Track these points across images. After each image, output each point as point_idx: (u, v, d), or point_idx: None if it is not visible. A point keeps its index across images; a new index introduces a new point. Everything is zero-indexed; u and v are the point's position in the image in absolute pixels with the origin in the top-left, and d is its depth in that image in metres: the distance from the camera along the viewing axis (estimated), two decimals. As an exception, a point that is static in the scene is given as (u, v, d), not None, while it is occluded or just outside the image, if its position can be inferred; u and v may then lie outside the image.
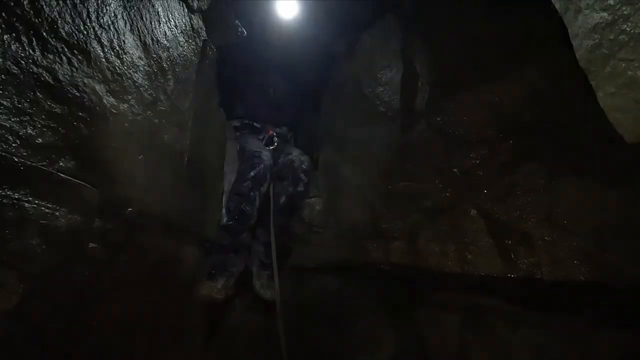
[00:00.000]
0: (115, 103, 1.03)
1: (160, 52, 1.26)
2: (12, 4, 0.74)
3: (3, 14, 0.72)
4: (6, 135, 0.73)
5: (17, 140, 0.75)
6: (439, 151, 1.54)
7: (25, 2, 0.76)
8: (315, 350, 1.93)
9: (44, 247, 0.77)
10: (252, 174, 1.85)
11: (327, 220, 2.01)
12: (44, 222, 0.79)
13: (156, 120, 1.24)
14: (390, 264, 1.59)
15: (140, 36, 1.15)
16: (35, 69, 0.79)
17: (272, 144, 2.05)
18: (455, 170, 1.49)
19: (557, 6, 0.84)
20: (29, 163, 0.77)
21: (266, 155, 1.95)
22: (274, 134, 2.07)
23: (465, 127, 1.49)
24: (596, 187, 1.13)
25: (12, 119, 0.74)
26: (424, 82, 1.67)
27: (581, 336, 1.28)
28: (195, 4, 1.48)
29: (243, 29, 1.82)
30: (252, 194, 1.82)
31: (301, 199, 2.01)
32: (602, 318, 1.25)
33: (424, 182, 1.55)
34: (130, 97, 1.09)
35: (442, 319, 1.63)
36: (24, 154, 0.77)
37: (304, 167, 1.99)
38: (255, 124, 2.15)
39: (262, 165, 1.88)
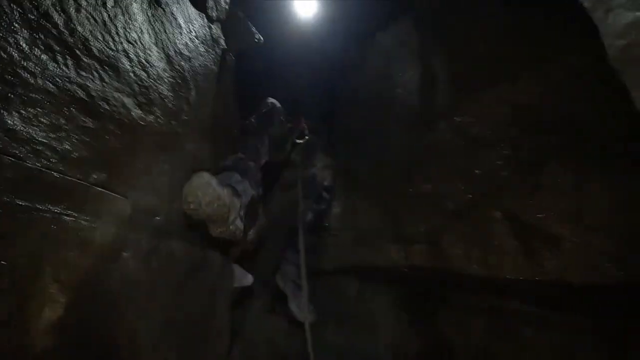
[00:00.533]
0: (143, 115, 1.06)
1: (182, 63, 1.29)
2: (49, 25, 0.77)
3: (41, 35, 0.75)
4: (46, 152, 0.76)
5: (56, 156, 0.78)
6: (460, 152, 1.52)
7: (60, 23, 0.79)
8: (336, 352, 1.93)
9: (82, 258, 0.80)
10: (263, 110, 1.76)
11: (345, 222, 2.01)
12: (82, 234, 0.82)
13: (180, 130, 1.27)
14: (412, 267, 1.58)
15: (164, 48, 1.17)
16: (70, 86, 0.82)
17: (303, 137, 1.98)
18: (477, 171, 1.47)
19: (585, 4, 0.82)
20: (67, 177, 0.80)
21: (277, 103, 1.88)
22: (305, 126, 2.01)
23: (486, 127, 1.48)
24: (627, 186, 1.10)
25: (51, 136, 0.78)
26: (442, 82, 1.66)
27: (610, 339, 1.26)
28: (214, 14, 1.50)
29: (260, 35, 1.84)
30: (259, 130, 1.72)
31: (325, 216, 1.96)
32: (632, 320, 1.22)
33: (444, 183, 1.54)
34: (156, 108, 1.12)
35: (466, 321, 1.61)
36: (61, 168, 0.80)
37: (326, 184, 1.95)
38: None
39: (270, 104, 1.78)
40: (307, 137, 1.98)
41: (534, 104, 1.34)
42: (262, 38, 1.85)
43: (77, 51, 0.84)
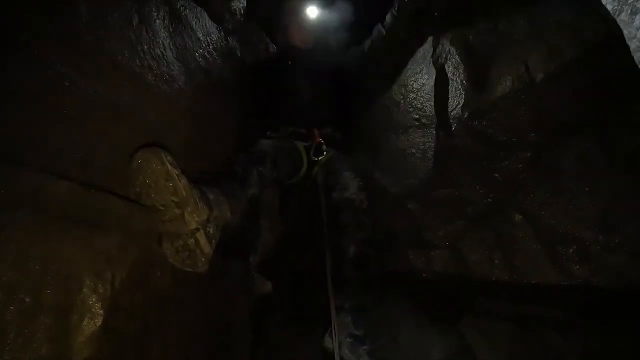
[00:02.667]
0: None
1: (202, 75, 1.32)
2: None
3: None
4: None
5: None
6: (479, 157, 1.50)
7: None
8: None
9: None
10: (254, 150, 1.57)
11: (363, 228, 2.00)
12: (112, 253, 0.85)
13: (201, 141, 1.30)
14: (433, 272, 1.57)
15: (185, 63, 1.20)
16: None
17: (322, 153, 1.81)
18: (496, 175, 1.46)
19: (609, 7, 0.81)
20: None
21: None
22: (322, 141, 1.83)
23: (505, 130, 1.45)
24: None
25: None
26: (458, 86, 1.64)
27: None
28: (230, 26, 1.53)
29: (273, 44, 1.87)
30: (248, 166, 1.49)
31: (371, 245, 1.62)
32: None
33: (464, 188, 1.52)
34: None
35: (489, 327, 1.59)
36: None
37: (365, 207, 1.70)
38: (300, 130, 1.92)
39: (260, 149, 1.59)
40: (325, 153, 1.79)
41: (557, 107, 1.31)
42: (275, 47, 1.88)
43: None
